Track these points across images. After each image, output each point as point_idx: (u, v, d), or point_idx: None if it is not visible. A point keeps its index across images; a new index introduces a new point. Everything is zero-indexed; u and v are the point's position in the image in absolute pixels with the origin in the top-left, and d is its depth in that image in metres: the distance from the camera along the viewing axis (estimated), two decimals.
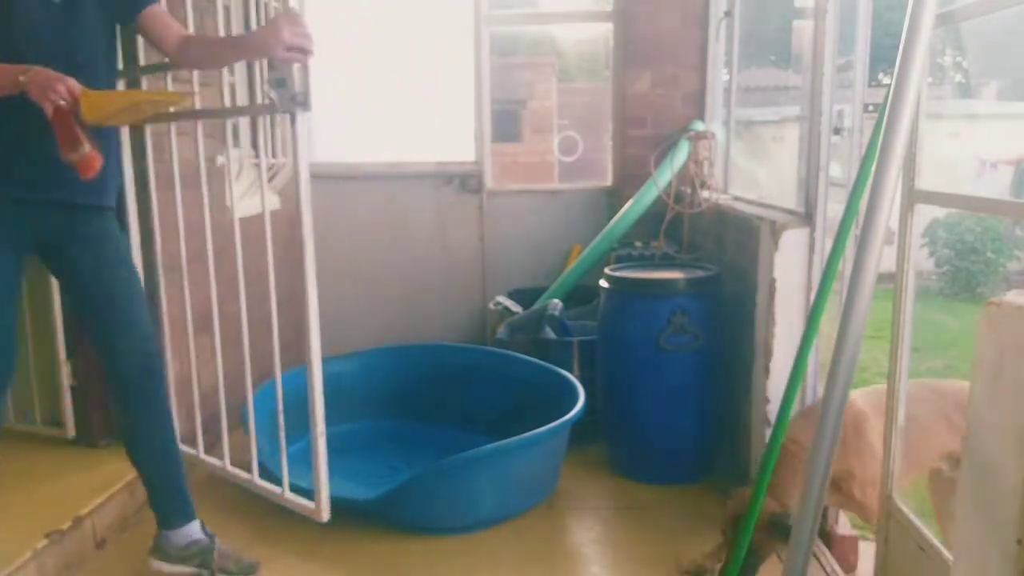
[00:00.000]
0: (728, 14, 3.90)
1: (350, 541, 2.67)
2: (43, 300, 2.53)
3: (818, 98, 2.50)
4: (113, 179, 2.23)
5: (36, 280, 2.51)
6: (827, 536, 2.65)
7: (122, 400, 2.26)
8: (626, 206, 4.01)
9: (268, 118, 3.93)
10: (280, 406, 2.69)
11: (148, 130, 2.90)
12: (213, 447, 3.46)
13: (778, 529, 2.14)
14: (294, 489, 2.78)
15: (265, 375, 3.93)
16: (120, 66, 2.54)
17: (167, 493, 2.35)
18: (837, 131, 2.57)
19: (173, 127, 3.07)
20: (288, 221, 4.45)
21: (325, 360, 3.79)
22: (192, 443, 3.29)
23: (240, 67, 3.93)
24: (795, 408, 2.41)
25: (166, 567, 2.34)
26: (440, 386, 3.59)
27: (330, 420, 3.47)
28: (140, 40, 2.85)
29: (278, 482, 2.83)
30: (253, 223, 3.91)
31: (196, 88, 3.25)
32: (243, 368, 3.86)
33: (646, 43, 4.36)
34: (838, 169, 2.66)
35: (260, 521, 2.81)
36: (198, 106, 3.23)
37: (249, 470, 2.97)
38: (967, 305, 7.86)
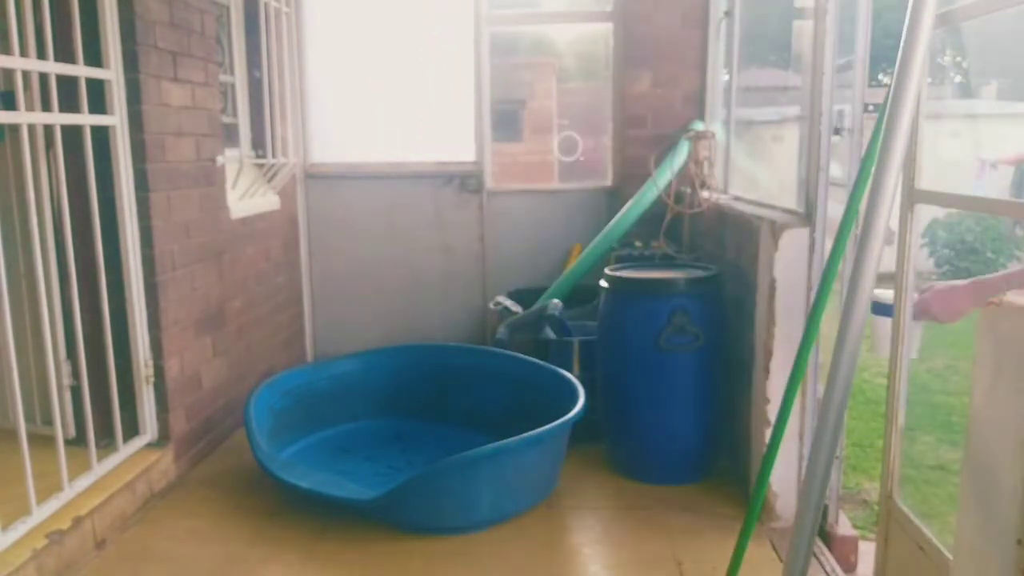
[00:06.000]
0: (728, 14, 3.90)
1: (350, 541, 2.67)
2: (41, 300, 2.53)
3: (818, 98, 2.50)
4: None
5: (34, 280, 2.51)
6: (827, 536, 2.65)
7: None
8: (626, 206, 4.01)
9: (269, 118, 3.93)
10: None
11: (147, 129, 2.89)
12: (215, 448, 3.47)
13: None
14: (292, 489, 2.78)
15: (265, 374, 3.94)
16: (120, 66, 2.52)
17: None
18: (837, 131, 2.57)
19: (172, 127, 3.08)
20: (288, 221, 4.46)
21: (327, 361, 3.80)
22: (193, 444, 3.29)
23: (240, 68, 3.93)
24: (795, 408, 2.41)
25: None
26: (441, 386, 3.60)
27: (333, 420, 3.48)
28: (138, 41, 2.85)
29: (278, 481, 2.83)
30: (253, 223, 3.92)
31: (196, 87, 3.26)
32: (244, 368, 3.88)
33: (646, 43, 4.35)
34: (838, 169, 2.66)
35: (260, 521, 2.81)
36: (196, 105, 3.25)
37: (251, 473, 2.97)
38: None
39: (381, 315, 4.73)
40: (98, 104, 2.75)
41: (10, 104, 2.41)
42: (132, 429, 2.98)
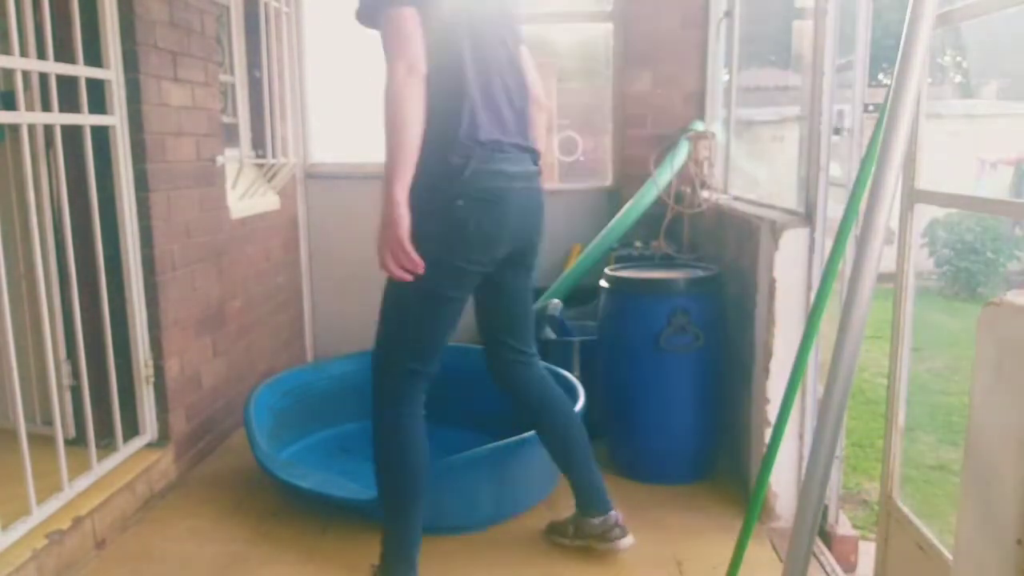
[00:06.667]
0: (728, 14, 3.90)
1: (351, 541, 2.67)
2: (41, 300, 2.53)
3: (818, 98, 2.50)
4: None
5: (34, 280, 2.51)
6: (827, 536, 2.65)
7: None
8: (626, 206, 4.01)
9: (269, 118, 3.93)
10: None
11: (147, 129, 2.90)
12: (215, 448, 3.47)
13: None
14: (293, 489, 2.78)
15: (265, 374, 3.94)
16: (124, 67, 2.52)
17: None
18: (837, 131, 2.57)
19: (172, 127, 3.08)
20: (288, 221, 4.46)
21: (327, 361, 3.80)
22: (193, 444, 3.29)
23: (240, 68, 3.93)
24: (795, 408, 2.41)
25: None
26: (440, 386, 3.58)
27: (333, 420, 3.48)
28: (139, 39, 2.85)
29: (278, 481, 2.83)
30: (253, 223, 3.92)
31: (196, 87, 3.26)
32: (244, 368, 3.88)
33: (646, 43, 4.35)
34: (838, 169, 2.66)
35: (261, 521, 2.81)
36: (196, 105, 3.24)
37: (251, 473, 2.97)
38: (967, 305, 7.86)
39: None
40: (98, 104, 2.75)
41: (10, 104, 2.41)
42: (132, 429, 2.98)
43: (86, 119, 2.67)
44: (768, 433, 2.59)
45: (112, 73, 2.78)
